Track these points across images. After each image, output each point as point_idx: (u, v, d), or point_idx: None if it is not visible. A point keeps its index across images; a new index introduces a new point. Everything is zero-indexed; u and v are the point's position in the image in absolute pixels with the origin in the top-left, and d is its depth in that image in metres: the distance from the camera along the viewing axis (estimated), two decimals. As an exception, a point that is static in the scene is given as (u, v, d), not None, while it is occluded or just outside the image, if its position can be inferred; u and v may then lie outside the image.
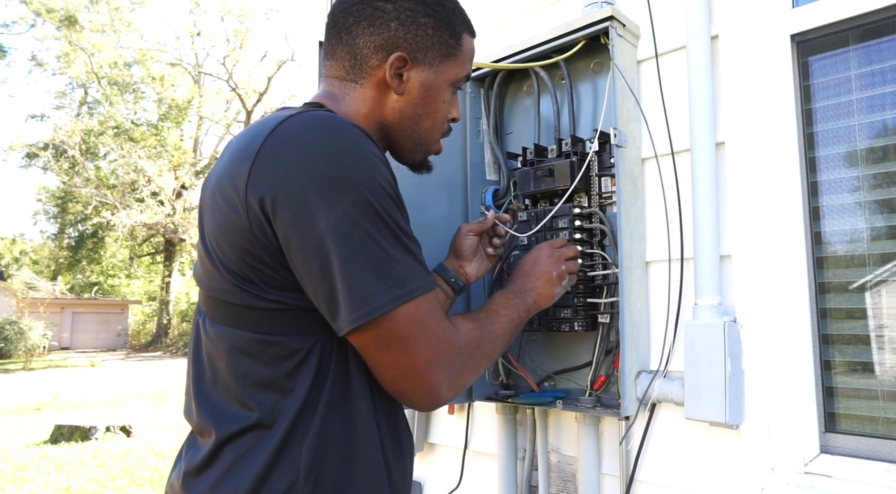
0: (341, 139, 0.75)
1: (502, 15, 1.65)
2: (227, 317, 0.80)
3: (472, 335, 0.86)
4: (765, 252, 1.13)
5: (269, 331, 0.78)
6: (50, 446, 6.46)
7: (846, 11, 1.09)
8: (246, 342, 0.78)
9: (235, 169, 0.77)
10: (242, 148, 0.79)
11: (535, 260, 1.12)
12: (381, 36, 0.89)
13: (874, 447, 1.05)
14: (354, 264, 0.72)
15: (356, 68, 0.91)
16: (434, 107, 0.95)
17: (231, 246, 0.77)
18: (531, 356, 1.44)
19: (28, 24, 24.87)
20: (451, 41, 0.94)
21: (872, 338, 1.09)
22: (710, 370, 1.11)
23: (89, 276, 28.75)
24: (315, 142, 0.75)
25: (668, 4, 1.29)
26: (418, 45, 0.91)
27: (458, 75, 0.96)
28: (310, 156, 0.74)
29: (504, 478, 1.46)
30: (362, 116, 0.91)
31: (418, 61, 0.91)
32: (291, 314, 0.78)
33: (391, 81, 0.90)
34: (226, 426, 0.78)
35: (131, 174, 23.86)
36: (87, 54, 24.55)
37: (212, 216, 0.81)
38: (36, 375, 14.38)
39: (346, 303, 0.73)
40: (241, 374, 0.79)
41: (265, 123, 0.80)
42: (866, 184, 1.11)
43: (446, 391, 0.80)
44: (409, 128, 0.94)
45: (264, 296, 0.77)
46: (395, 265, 0.75)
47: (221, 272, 0.79)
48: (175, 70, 26.19)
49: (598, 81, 1.37)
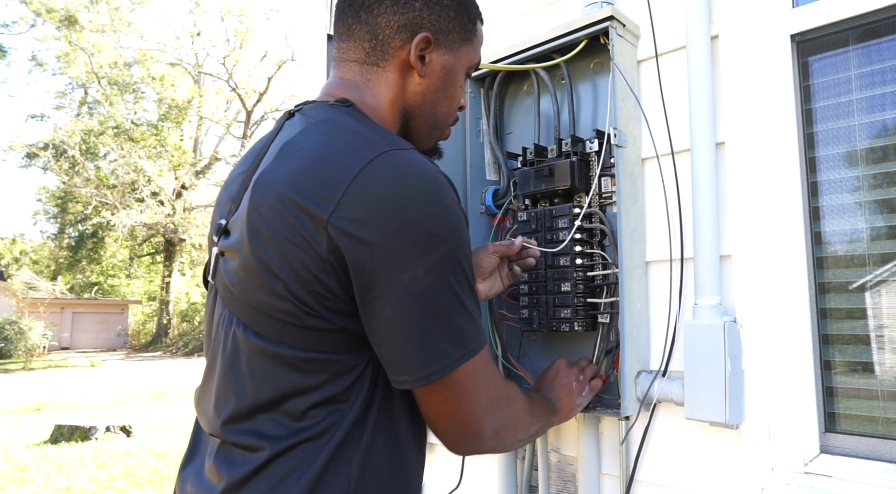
0: (439, 190, 0.74)
1: (502, 15, 1.65)
2: (282, 334, 0.76)
3: (519, 395, 0.90)
4: (765, 252, 1.13)
5: (329, 350, 0.77)
6: (50, 446, 6.47)
7: (846, 11, 1.09)
8: (301, 360, 0.76)
9: (315, 193, 0.72)
10: (324, 171, 0.74)
11: (556, 373, 1.16)
12: (405, 15, 0.87)
13: (874, 447, 1.05)
14: (432, 320, 0.73)
15: (377, 49, 0.88)
16: (452, 91, 0.94)
17: (299, 269, 0.73)
18: (531, 356, 1.44)
19: (28, 24, 24.89)
20: (469, 25, 0.94)
21: (872, 338, 1.09)
22: (710, 370, 1.11)
23: (89, 276, 28.75)
24: (416, 190, 0.73)
25: (668, 4, 1.29)
26: (441, 26, 0.89)
27: (472, 61, 0.96)
28: (409, 204, 0.72)
29: (504, 478, 1.46)
30: (388, 103, 0.89)
31: (440, 44, 0.90)
32: (349, 334, 0.77)
33: (415, 63, 0.88)
34: (278, 442, 0.76)
35: (131, 174, 23.87)
36: (87, 54, 24.56)
37: (273, 234, 0.74)
38: (36, 375, 14.38)
39: (420, 360, 0.73)
40: (293, 389, 0.76)
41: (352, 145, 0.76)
42: (866, 184, 1.11)
43: (490, 438, 0.82)
44: (428, 112, 0.93)
45: (325, 317, 0.75)
46: (467, 321, 0.76)
47: (280, 291, 0.74)
48: (175, 70, 26.19)
49: (598, 81, 1.37)
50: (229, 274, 0.81)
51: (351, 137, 0.78)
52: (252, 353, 0.78)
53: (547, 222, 1.35)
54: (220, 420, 0.81)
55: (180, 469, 0.90)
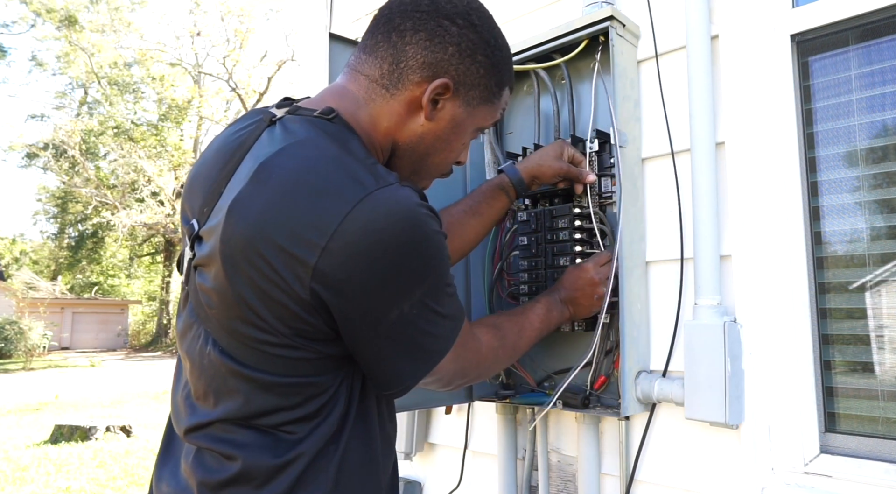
0: (423, 226, 0.74)
1: (502, 15, 1.64)
2: (259, 361, 0.76)
3: (491, 352, 0.97)
4: (765, 252, 1.13)
5: (308, 374, 0.77)
6: (50, 446, 6.47)
7: (846, 11, 1.09)
8: (279, 384, 0.76)
9: (298, 236, 0.71)
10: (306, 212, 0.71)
11: (580, 275, 1.18)
12: (434, 54, 0.84)
13: (874, 447, 1.05)
14: (419, 342, 0.79)
15: (394, 75, 0.85)
16: (452, 145, 0.92)
17: (280, 308, 0.73)
18: (531, 356, 1.44)
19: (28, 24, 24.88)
20: (495, 89, 0.91)
21: (872, 338, 1.09)
22: (710, 370, 1.11)
23: (89, 276, 28.75)
24: (401, 233, 0.72)
25: (668, 4, 1.29)
26: (466, 79, 0.86)
27: (485, 123, 0.94)
28: (393, 254, 0.72)
29: (504, 478, 1.46)
30: (381, 130, 0.86)
31: (459, 95, 0.87)
32: (329, 359, 0.78)
33: (426, 104, 0.85)
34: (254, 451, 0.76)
35: (131, 174, 23.87)
36: (87, 54, 24.55)
37: (252, 271, 0.72)
38: (36, 375, 14.37)
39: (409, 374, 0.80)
40: (271, 408, 0.77)
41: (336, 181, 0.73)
42: (866, 184, 1.11)
43: (459, 386, 0.93)
44: (418, 155, 0.90)
45: (307, 348, 0.76)
46: (445, 328, 0.81)
47: (260, 325, 0.74)
48: (175, 70, 26.19)
49: (599, 81, 1.37)
50: (203, 295, 0.78)
51: (333, 171, 0.74)
52: (228, 373, 0.77)
53: (547, 222, 1.35)
54: (193, 424, 0.80)
55: (156, 466, 0.89)
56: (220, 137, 0.90)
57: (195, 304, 0.81)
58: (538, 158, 1.24)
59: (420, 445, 1.69)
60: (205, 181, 0.85)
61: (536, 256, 1.35)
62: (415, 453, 1.68)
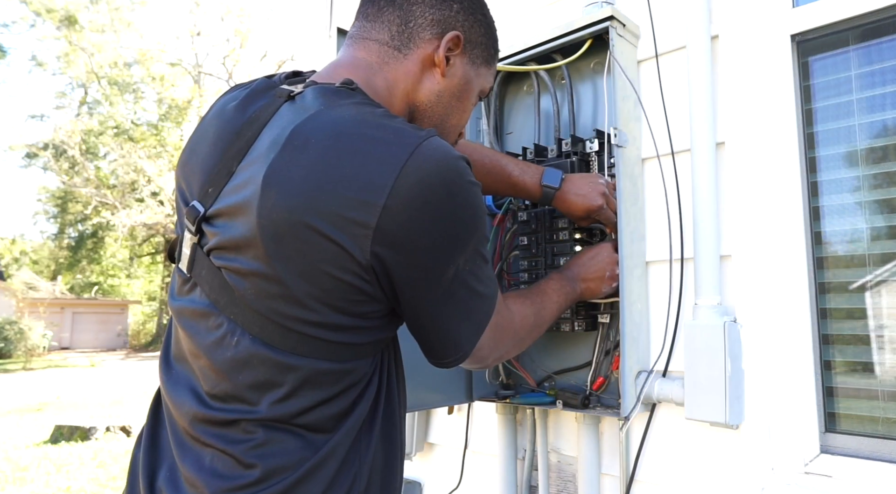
0: (468, 178, 0.74)
1: (502, 15, 1.64)
2: (298, 345, 0.72)
3: (527, 322, 0.96)
4: (765, 252, 1.13)
5: (348, 358, 0.75)
6: (50, 446, 6.46)
7: (846, 11, 1.09)
8: (318, 372, 0.73)
9: (355, 199, 0.68)
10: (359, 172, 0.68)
11: (596, 254, 1.18)
12: (441, 12, 0.86)
13: (874, 447, 1.05)
14: (473, 301, 0.80)
15: (404, 35, 0.85)
16: (465, 104, 0.93)
17: (330, 282, 0.70)
18: (531, 356, 1.44)
19: (28, 24, 24.88)
20: (492, 50, 0.94)
21: (872, 338, 1.09)
22: (710, 370, 1.11)
23: (89, 276, 28.75)
24: (453, 185, 0.72)
25: (668, 4, 1.29)
26: (471, 36, 0.89)
27: (486, 84, 0.95)
28: (448, 204, 0.72)
29: (504, 478, 1.46)
30: (401, 92, 0.86)
31: (466, 51, 0.89)
32: (368, 345, 0.77)
33: (441, 60, 0.86)
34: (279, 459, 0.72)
35: (131, 174, 23.86)
36: (87, 54, 24.55)
37: (302, 244, 0.68)
38: (36, 375, 14.37)
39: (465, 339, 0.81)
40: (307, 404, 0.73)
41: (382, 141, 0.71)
42: (866, 184, 1.11)
43: (492, 362, 0.91)
44: (438, 117, 0.90)
45: (349, 328, 0.73)
46: (489, 285, 0.82)
47: (306, 302, 0.70)
48: (175, 70, 26.19)
49: (598, 80, 1.37)
50: (234, 277, 0.72)
51: (374, 129, 0.72)
52: (259, 365, 0.72)
53: (547, 222, 1.35)
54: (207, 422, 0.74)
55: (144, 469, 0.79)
56: (219, 113, 0.84)
57: (212, 291, 0.74)
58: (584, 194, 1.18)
59: (420, 445, 1.69)
60: (206, 160, 0.80)
61: (536, 256, 1.35)
62: (415, 453, 1.68)
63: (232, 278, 0.73)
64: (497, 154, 1.24)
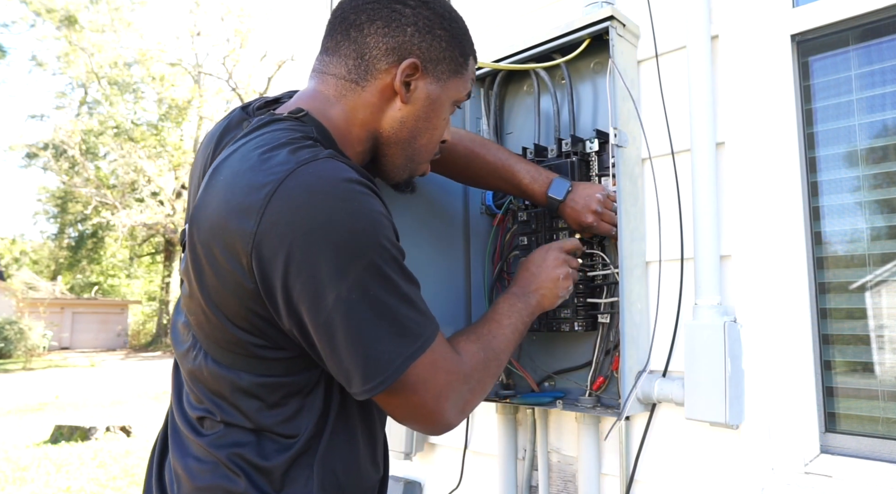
0: (351, 201, 0.72)
1: (502, 15, 1.65)
2: (234, 362, 0.79)
3: (476, 359, 0.87)
4: (765, 252, 1.13)
5: (278, 374, 0.79)
6: (50, 446, 6.47)
7: (846, 11, 1.09)
8: (258, 385, 0.78)
9: (238, 228, 0.71)
10: (243, 200, 0.72)
11: (542, 260, 1.10)
12: (395, 39, 0.85)
13: (874, 447, 1.05)
14: (366, 334, 0.72)
15: (361, 68, 0.86)
16: (434, 122, 0.92)
17: (238, 304, 0.74)
18: (531, 356, 1.44)
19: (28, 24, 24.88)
20: (459, 59, 0.92)
21: (872, 338, 1.09)
22: (710, 370, 1.11)
23: (89, 276, 28.74)
24: (325, 208, 0.70)
25: (668, 4, 1.29)
26: (431, 55, 0.88)
27: (460, 94, 0.94)
28: (320, 224, 0.70)
29: (504, 478, 1.46)
30: (358, 123, 0.87)
31: (428, 72, 0.88)
32: (299, 358, 0.79)
33: (399, 88, 0.86)
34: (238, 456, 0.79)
35: (131, 174, 23.86)
36: (87, 54, 24.55)
37: (213, 270, 0.75)
38: (36, 375, 14.37)
39: (361, 374, 0.73)
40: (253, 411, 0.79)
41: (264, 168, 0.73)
42: (866, 184, 1.11)
43: (454, 418, 0.83)
44: (405, 141, 0.90)
45: (272, 346, 0.77)
46: (405, 324, 0.75)
47: (227, 326, 0.76)
48: (175, 70, 26.19)
49: (598, 81, 1.37)
50: (184, 301, 0.82)
51: (268, 159, 0.74)
52: (210, 376, 0.81)
53: (546, 222, 1.35)
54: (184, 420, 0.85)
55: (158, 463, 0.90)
56: (203, 146, 0.94)
57: (188, 309, 0.83)
58: (579, 209, 1.20)
59: (420, 445, 1.69)
60: (192, 189, 0.92)
61: (536, 256, 1.35)
62: (415, 453, 1.68)
63: (185, 303, 0.83)
64: (510, 156, 1.25)
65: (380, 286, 0.73)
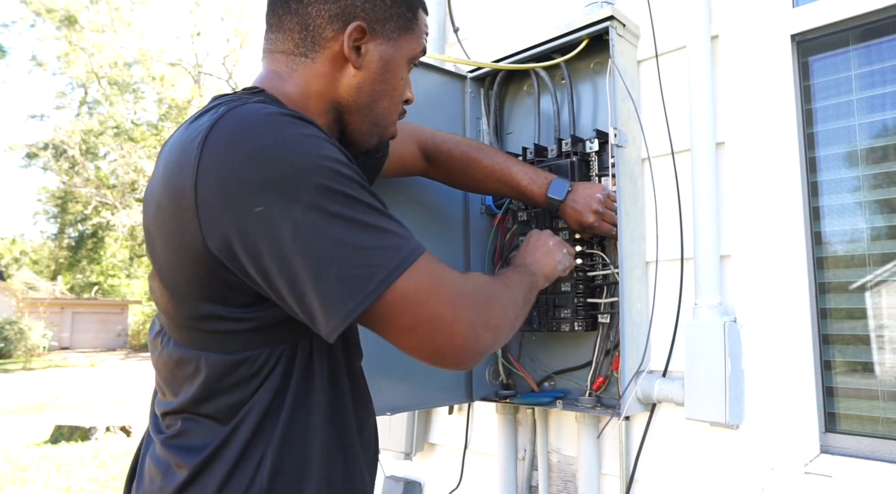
0: (281, 130, 0.69)
1: (502, 15, 1.65)
2: (193, 340, 0.76)
3: (485, 279, 0.85)
4: (765, 252, 1.13)
5: (237, 349, 0.75)
6: (50, 446, 6.47)
7: (846, 11, 1.09)
8: (213, 365, 0.75)
9: (177, 187, 0.70)
10: (179, 161, 0.72)
11: (537, 238, 1.16)
12: (336, 4, 0.82)
13: (874, 447, 1.05)
14: (337, 253, 0.67)
15: (307, 41, 0.83)
16: (393, 83, 0.89)
17: (191, 271, 0.72)
18: (531, 356, 1.44)
19: (28, 24, 24.87)
20: (408, 14, 0.89)
21: (872, 338, 1.09)
22: (710, 370, 1.11)
23: (89, 276, 28.73)
24: (255, 140, 0.68)
25: (668, 4, 1.29)
26: (377, 15, 0.85)
27: (414, 51, 0.91)
28: (254, 156, 0.67)
29: (504, 478, 1.46)
30: (314, 95, 0.85)
31: (377, 33, 0.85)
32: (261, 330, 0.76)
33: (349, 54, 0.83)
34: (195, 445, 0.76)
35: (131, 174, 23.86)
36: (87, 54, 24.55)
37: (162, 243, 0.74)
38: (36, 375, 14.37)
39: (341, 294, 0.67)
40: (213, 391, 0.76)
41: (195, 129, 0.73)
42: (866, 184, 1.11)
43: (482, 331, 0.74)
44: (366, 106, 0.88)
45: (233, 318, 0.74)
46: (381, 237, 0.69)
47: (186, 300, 0.74)
48: (175, 70, 26.19)
49: (598, 81, 1.37)
50: (153, 294, 0.82)
51: (200, 121, 0.74)
52: (175, 362, 0.79)
53: (546, 222, 1.35)
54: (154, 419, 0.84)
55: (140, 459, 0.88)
56: None
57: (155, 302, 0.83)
58: (580, 209, 1.21)
59: (420, 445, 1.69)
60: None
61: (536, 256, 1.35)
62: (415, 453, 1.68)
63: (154, 293, 0.81)
64: (507, 159, 1.27)
65: (340, 205, 0.68)
